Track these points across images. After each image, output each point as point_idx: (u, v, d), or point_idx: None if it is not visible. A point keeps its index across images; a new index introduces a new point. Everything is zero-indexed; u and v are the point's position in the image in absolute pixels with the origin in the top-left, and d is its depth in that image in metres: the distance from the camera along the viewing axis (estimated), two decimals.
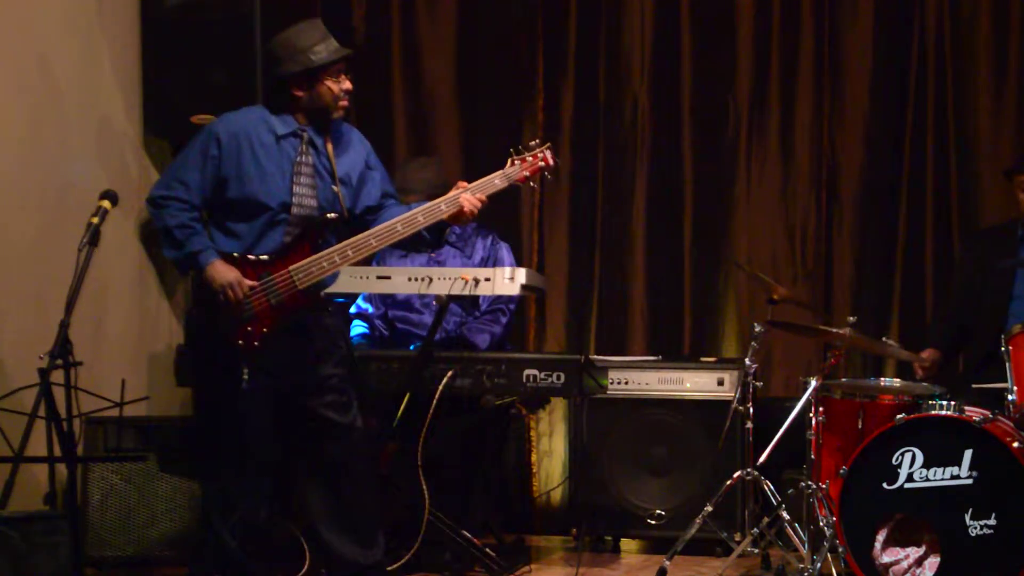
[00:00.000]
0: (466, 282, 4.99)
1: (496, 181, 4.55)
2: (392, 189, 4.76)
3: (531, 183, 4.62)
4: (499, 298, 5.57)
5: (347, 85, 4.56)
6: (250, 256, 4.45)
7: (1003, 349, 4.88)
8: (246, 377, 4.38)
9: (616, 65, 6.60)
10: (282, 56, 4.53)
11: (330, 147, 4.58)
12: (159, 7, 5.99)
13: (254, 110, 4.61)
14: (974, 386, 5.23)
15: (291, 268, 4.43)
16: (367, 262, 5.01)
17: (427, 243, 4.70)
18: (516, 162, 4.57)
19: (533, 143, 4.62)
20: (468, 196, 4.49)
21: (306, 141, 4.54)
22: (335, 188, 4.55)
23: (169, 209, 4.45)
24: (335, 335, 4.65)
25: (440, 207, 4.50)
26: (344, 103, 4.56)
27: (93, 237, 4.47)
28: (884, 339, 5.33)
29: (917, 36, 6.28)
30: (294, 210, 4.49)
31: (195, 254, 4.40)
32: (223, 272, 4.38)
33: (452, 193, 4.53)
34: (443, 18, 6.76)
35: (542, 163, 4.58)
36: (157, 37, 6.01)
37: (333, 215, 4.52)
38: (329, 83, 4.52)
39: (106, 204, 4.58)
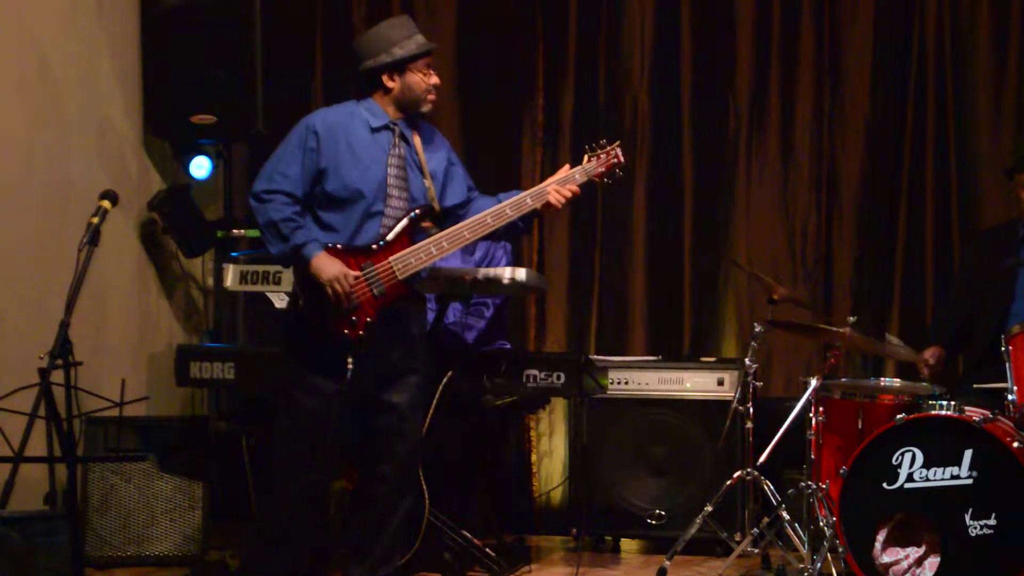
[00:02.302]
0: (466, 282, 5.00)
1: (576, 176, 4.70)
2: (472, 183, 4.83)
3: (606, 179, 4.75)
4: None
5: (435, 80, 4.64)
6: (349, 247, 4.48)
7: (1003, 349, 4.88)
8: (351, 367, 4.40)
9: (616, 65, 6.60)
10: (374, 49, 4.59)
11: (418, 141, 4.65)
12: (159, 7, 6.00)
13: (347, 105, 4.67)
14: (975, 386, 5.23)
15: (391, 258, 4.49)
16: None
17: (521, 231, 4.79)
18: (592, 159, 4.72)
19: (603, 141, 4.76)
20: (554, 188, 4.63)
21: (398, 135, 4.60)
22: (426, 182, 4.61)
23: (273, 203, 4.47)
24: (424, 331, 4.73)
25: (526, 200, 4.63)
26: (432, 96, 4.64)
27: (93, 237, 4.47)
28: (887, 336, 5.33)
29: (917, 36, 6.28)
30: (391, 202, 4.54)
31: (300, 247, 4.43)
32: (329, 266, 4.41)
33: (539, 187, 4.67)
34: (443, 18, 6.75)
35: (614, 160, 4.73)
36: (157, 37, 6.02)
37: (427, 207, 4.58)
38: (419, 76, 4.59)
39: (106, 204, 4.58)
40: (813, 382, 4.98)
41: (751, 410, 5.20)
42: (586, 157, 4.74)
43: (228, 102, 5.94)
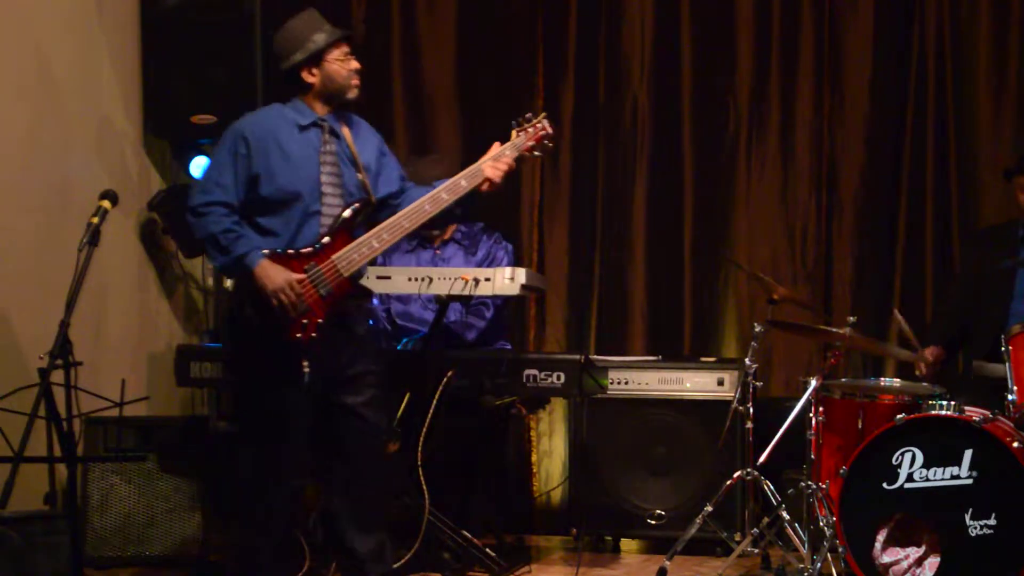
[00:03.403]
0: (466, 282, 5.00)
1: (507, 152, 4.69)
2: (404, 172, 4.83)
3: (535, 152, 4.75)
4: None
5: (355, 64, 4.62)
6: (290, 251, 4.46)
7: (1003, 349, 4.88)
8: (307, 370, 4.38)
9: (616, 65, 6.60)
10: (287, 48, 4.58)
11: (348, 135, 4.64)
12: (159, 7, 6.00)
13: (273, 107, 4.65)
14: (974, 362, 5.24)
15: (334, 257, 4.46)
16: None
17: (458, 216, 4.78)
18: (520, 133, 4.72)
19: (529, 115, 4.76)
20: (489, 164, 4.62)
21: (327, 131, 4.59)
22: (359, 175, 4.60)
23: (211, 216, 4.44)
24: (375, 329, 4.69)
25: (461, 183, 4.61)
26: (356, 82, 4.62)
27: (93, 237, 4.47)
28: (895, 313, 5.35)
29: (917, 36, 6.28)
30: (326, 199, 4.52)
31: (242, 257, 4.39)
32: (273, 275, 4.37)
33: (472, 167, 4.64)
34: (443, 18, 6.76)
35: (542, 132, 4.74)
36: (157, 37, 6.02)
37: (363, 201, 4.57)
38: (336, 64, 4.57)
39: (106, 204, 4.59)
40: (813, 382, 4.97)
41: (751, 410, 5.20)
42: (514, 132, 4.73)
43: (228, 102, 5.94)
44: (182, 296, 6.36)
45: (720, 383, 5.74)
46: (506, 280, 5.00)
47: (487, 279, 5.01)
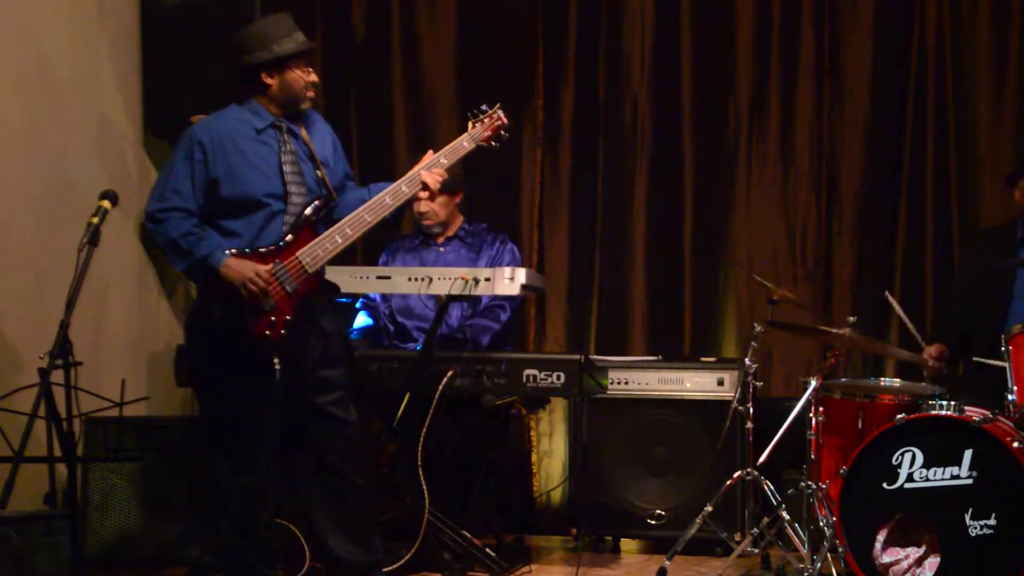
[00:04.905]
0: (466, 282, 5.00)
1: (464, 144, 4.78)
2: (351, 171, 4.87)
3: (492, 143, 4.83)
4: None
5: (314, 78, 4.65)
6: (256, 250, 4.46)
7: (1003, 349, 4.88)
8: (278, 367, 4.38)
9: (616, 65, 6.60)
10: (253, 45, 4.60)
11: (305, 133, 4.66)
12: (159, 7, 6.00)
13: (229, 110, 4.66)
14: (974, 359, 5.24)
15: (298, 253, 4.47)
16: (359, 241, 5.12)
17: (389, 224, 4.80)
18: (477, 124, 4.81)
19: (484, 106, 4.85)
20: (427, 172, 4.66)
21: (284, 131, 4.61)
22: (319, 172, 4.62)
23: (170, 221, 4.45)
24: (340, 329, 4.70)
25: (402, 188, 4.64)
26: (311, 94, 4.65)
27: (93, 237, 4.48)
28: (888, 294, 5.35)
29: (917, 36, 6.28)
30: (291, 199, 4.54)
31: (205, 258, 4.40)
32: (240, 267, 4.39)
33: (412, 171, 4.68)
34: (443, 18, 6.76)
35: (498, 123, 4.83)
36: (157, 37, 6.02)
37: (324, 197, 4.59)
38: (298, 72, 4.59)
39: (106, 204, 4.59)
40: (813, 382, 4.98)
41: (751, 410, 5.20)
42: (471, 123, 4.81)
43: (228, 102, 5.92)
44: (182, 296, 6.36)
45: (720, 383, 5.74)
46: (506, 280, 5.00)
47: (487, 279, 5.02)
